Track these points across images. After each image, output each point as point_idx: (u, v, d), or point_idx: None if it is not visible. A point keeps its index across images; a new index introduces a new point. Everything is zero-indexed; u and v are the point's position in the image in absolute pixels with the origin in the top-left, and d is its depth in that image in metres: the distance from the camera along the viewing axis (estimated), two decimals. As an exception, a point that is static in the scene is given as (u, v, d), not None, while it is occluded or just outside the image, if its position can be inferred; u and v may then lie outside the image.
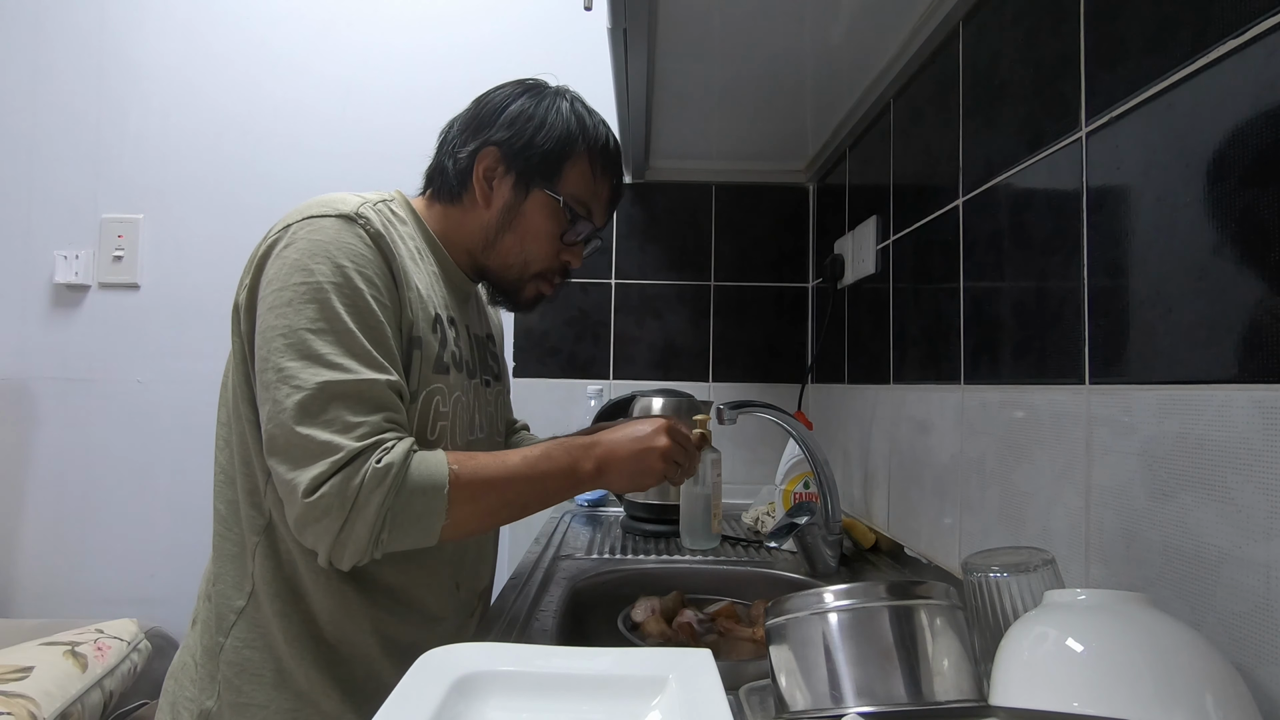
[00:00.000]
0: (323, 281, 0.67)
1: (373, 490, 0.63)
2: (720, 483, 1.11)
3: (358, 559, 0.65)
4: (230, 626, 0.72)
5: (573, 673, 0.52)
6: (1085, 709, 0.37)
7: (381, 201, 0.78)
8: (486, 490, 0.70)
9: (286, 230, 0.71)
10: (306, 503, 0.63)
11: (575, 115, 0.83)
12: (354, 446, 0.64)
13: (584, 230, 0.85)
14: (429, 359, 0.75)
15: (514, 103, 0.82)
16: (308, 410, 0.64)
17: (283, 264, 0.69)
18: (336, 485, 0.63)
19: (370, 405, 0.66)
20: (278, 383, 0.66)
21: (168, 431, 1.66)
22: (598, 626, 0.90)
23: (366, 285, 0.69)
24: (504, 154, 0.81)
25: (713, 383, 1.66)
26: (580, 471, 0.75)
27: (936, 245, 0.94)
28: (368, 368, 0.67)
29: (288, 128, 1.70)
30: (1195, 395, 0.49)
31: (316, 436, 0.64)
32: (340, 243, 0.69)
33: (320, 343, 0.66)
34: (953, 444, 0.88)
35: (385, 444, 0.66)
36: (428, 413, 0.75)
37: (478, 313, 0.94)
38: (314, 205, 0.72)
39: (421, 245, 0.81)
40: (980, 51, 0.83)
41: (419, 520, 0.66)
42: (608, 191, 0.87)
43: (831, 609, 0.47)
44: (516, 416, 1.12)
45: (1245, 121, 0.46)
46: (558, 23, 1.67)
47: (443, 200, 0.85)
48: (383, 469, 0.64)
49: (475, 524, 0.71)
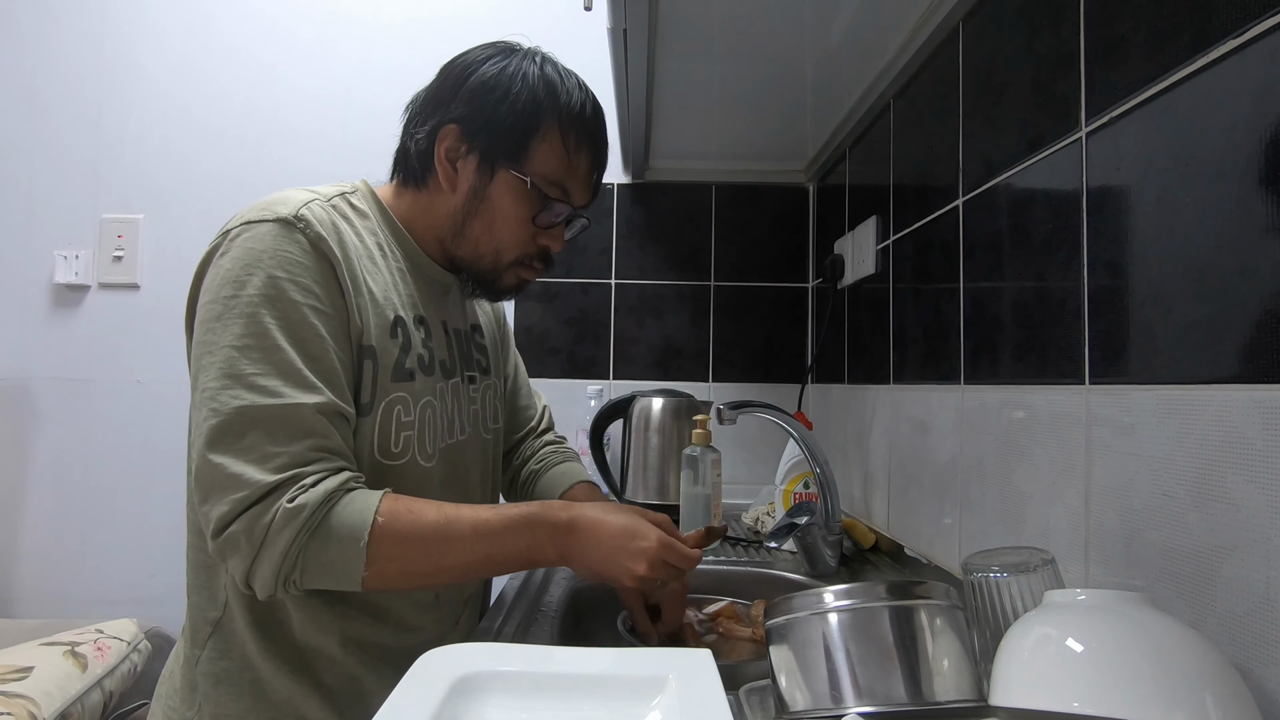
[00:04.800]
0: (253, 294, 0.63)
1: (280, 530, 0.59)
2: (720, 483, 1.11)
3: (268, 593, 0.62)
4: (206, 638, 0.70)
5: (573, 673, 0.52)
6: (1085, 709, 0.37)
7: (339, 195, 0.73)
8: (417, 550, 0.64)
9: (225, 236, 0.67)
10: (215, 542, 0.61)
11: (545, 81, 0.74)
12: (266, 482, 0.59)
13: (561, 212, 0.77)
14: (386, 368, 0.70)
15: (475, 71, 0.75)
16: (223, 436, 0.60)
17: (216, 274, 0.65)
18: (244, 524, 0.59)
19: (293, 433, 0.61)
20: (199, 403, 0.62)
21: (168, 431, 1.66)
22: (598, 626, 0.90)
23: (303, 296, 0.64)
24: (465, 131, 0.74)
25: (713, 383, 1.66)
26: (540, 556, 0.68)
27: (936, 245, 0.94)
28: (295, 389, 0.62)
29: (288, 128, 1.70)
30: (1195, 395, 0.49)
31: (227, 468, 0.60)
32: (275, 251, 0.64)
33: (244, 362, 0.61)
34: (952, 444, 0.88)
35: (303, 481, 0.61)
36: (389, 424, 0.70)
37: (460, 305, 0.88)
38: (255, 208, 0.68)
39: (386, 239, 0.76)
40: (980, 51, 0.83)
41: (333, 567, 0.62)
42: (586, 165, 0.78)
43: (831, 609, 0.47)
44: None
45: (1245, 121, 0.46)
46: (558, 23, 1.67)
47: (409, 186, 0.78)
48: (294, 509, 0.59)
49: (404, 581, 0.65)
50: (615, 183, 1.68)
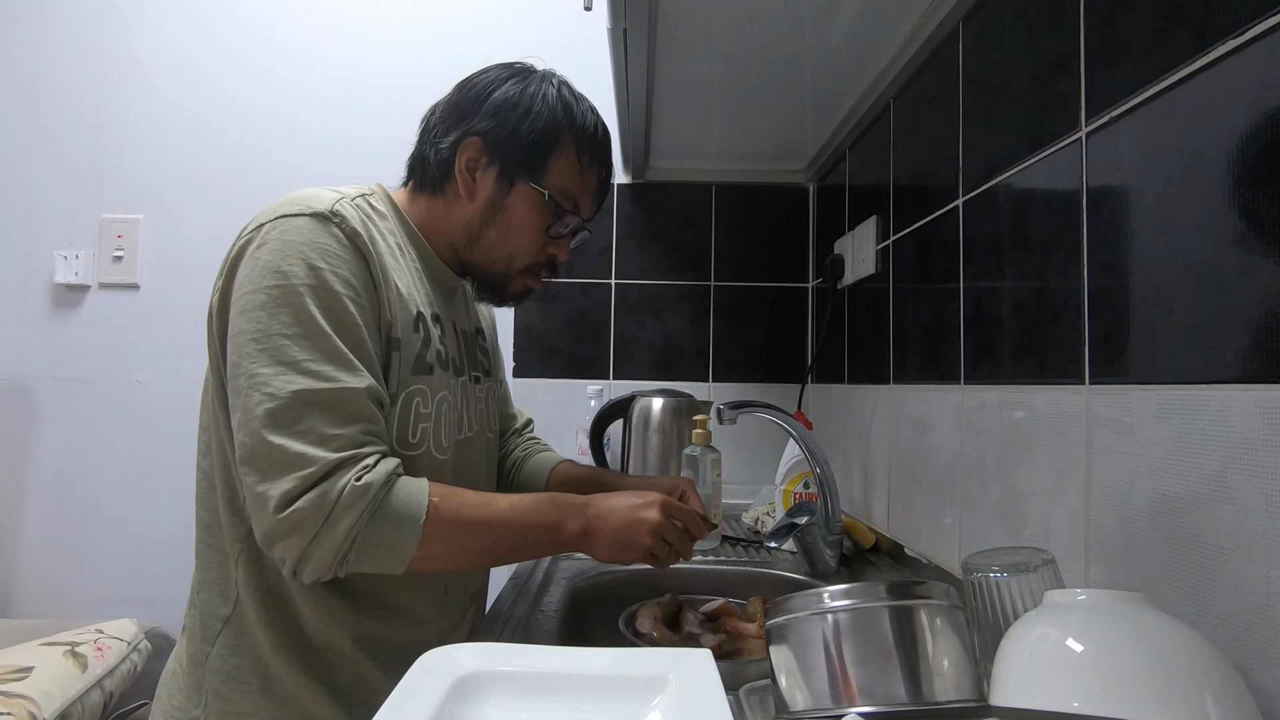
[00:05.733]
0: (297, 284, 0.65)
1: (347, 509, 0.61)
2: (720, 483, 1.11)
3: (319, 575, 0.63)
4: (216, 635, 0.71)
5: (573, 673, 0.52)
6: (1085, 709, 0.37)
7: (360, 196, 0.76)
8: (465, 532, 0.68)
9: (259, 230, 0.69)
10: (278, 518, 0.61)
11: (562, 103, 0.80)
12: (330, 459, 0.62)
13: (571, 224, 0.83)
14: (409, 360, 0.73)
15: (498, 89, 0.79)
16: (280, 419, 0.62)
17: (255, 265, 0.67)
18: (311, 500, 0.61)
19: (347, 416, 0.64)
20: (249, 389, 0.63)
21: (168, 431, 1.66)
22: (598, 627, 0.90)
23: (343, 287, 0.67)
24: (487, 145, 0.78)
25: (713, 383, 1.66)
26: (565, 531, 0.72)
27: (936, 245, 0.94)
28: (345, 373, 0.65)
29: (288, 128, 1.70)
30: (1195, 395, 0.49)
31: (290, 447, 0.61)
32: (314, 243, 0.67)
33: (295, 348, 0.64)
34: (953, 444, 0.88)
35: (365, 461, 0.63)
36: (408, 415, 0.73)
37: (465, 308, 0.92)
38: (287, 203, 0.70)
39: (403, 240, 0.79)
40: (980, 51, 0.83)
41: (388, 547, 0.64)
42: (596, 182, 0.84)
43: (831, 609, 0.47)
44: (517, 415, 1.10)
45: (1245, 121, 0.46)
46: (558, 23, 1.67)
47: (425, 192, 0.82)
48: (361, 488, 0.62)
49: (448, 564, 0.69)
50: (615, 182, 1.67)
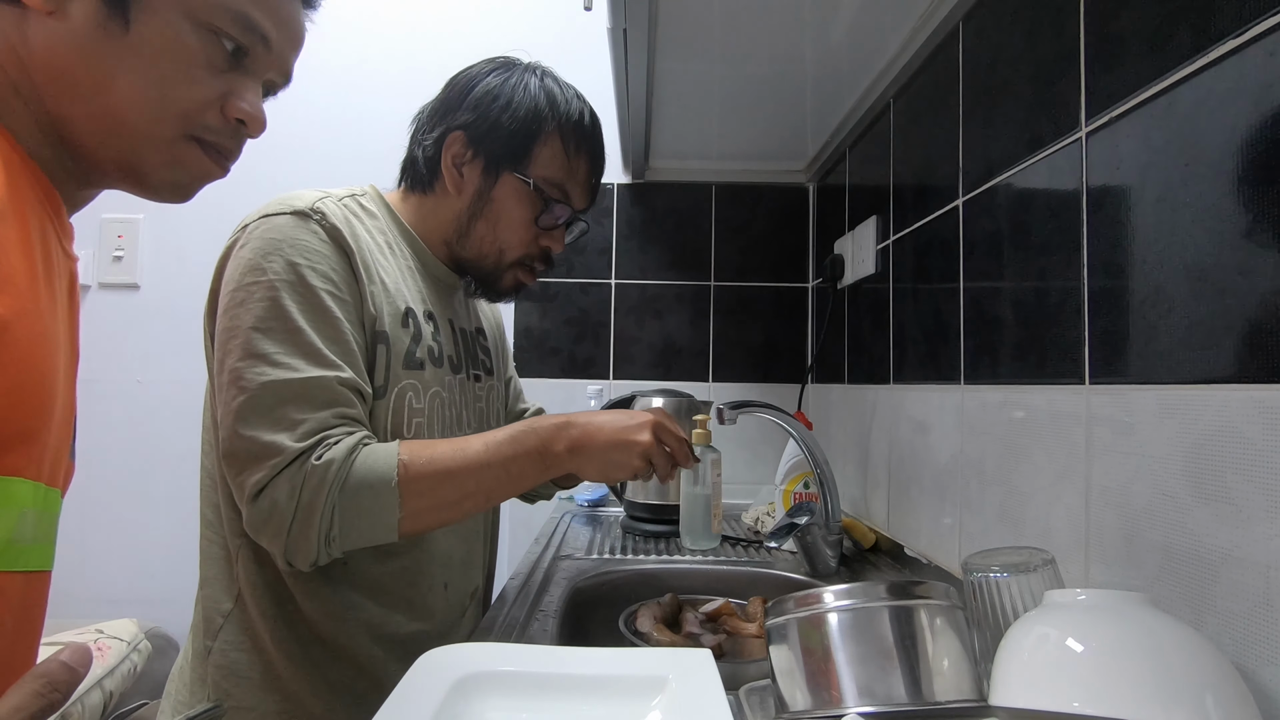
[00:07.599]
0: (274, 279, 0.66)
1: (315, 489, 0.62)
2: (720, 483, 1.11)
3: (312, 559, 0.63)
4: (218, 630, 0.72)
5: (573, 673, 0.52)
6: (1085, 709, 0.37)
7: (350, 196, 0.77)
8: (444, 483, 0.67)
9: (244, 230, 0.70)
10: (254, 508, 0.62)
11: (545, 91, 0.79)
12: (296, 447, 0.62)
13: (561, 214, 0.82)
14: (398, 355, 0.73)
15: (479, 83, 0.79)
16: (253, 410, 0.63)
17: (237, 264, 0.68)
18: (281, 487, 0.61)
19: (317, 403, 0.65)
20: (227, 385, 0.65)
21: (168, 431, 1.66)
22: (598, 627, 0.90)
23: (321, 282, 0.68)
24: (470, 138, 0.78)
25: (713, 383, 1.66)
26: (552, 453, 0.71)
27: (936, 245, 0.94)
28: (317, 366, 0.65)
29: (286, 129, 1.69)
30: (1195, 395, 0.49)
31: (260, 438, 0.62)
32: (293, 240, 0.68)
33: (268, 342, 0.65)
34: (952, 444, 0.88)
35: (329, 440, 0.64)
36: (401, 409, 0.73)
37: (465, 307, 0.91)
38: (272, 204, 0.71)
39: (394, 238, 0.79)
40: (980, 51, 0.83)
41: (369, 516, 0.64)
42: (585, 170, 0.83)
43: (831, 609, 0.47)
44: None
45: (1245, 121, 0.46)
46: (557, 23, 1.67)
47: (416, 191, 0.82)
48: (323, 465, 0.62)
49: (436, 517, 0.69)
50: (615, 183, 1.68)
